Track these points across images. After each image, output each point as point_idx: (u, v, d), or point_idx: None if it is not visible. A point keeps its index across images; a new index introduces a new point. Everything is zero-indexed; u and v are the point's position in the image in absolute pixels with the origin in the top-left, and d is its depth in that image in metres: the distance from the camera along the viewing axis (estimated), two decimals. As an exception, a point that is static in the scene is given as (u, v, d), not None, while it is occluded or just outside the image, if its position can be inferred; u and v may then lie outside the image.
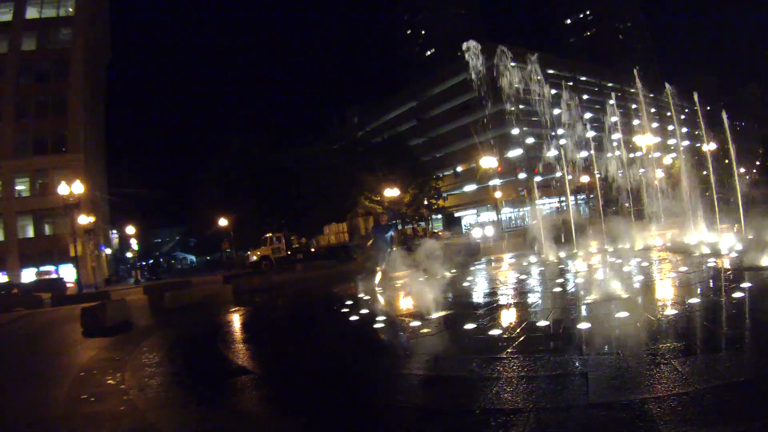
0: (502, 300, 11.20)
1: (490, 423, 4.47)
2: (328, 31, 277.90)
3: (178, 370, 8.16)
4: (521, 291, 12.26)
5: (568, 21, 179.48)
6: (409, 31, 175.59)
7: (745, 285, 8.79)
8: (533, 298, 11.13)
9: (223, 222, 59.12)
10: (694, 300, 8.33)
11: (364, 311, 11.05)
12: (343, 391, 6.05)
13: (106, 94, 70.84)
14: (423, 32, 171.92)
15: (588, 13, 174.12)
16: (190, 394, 6.63)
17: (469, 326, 8.25)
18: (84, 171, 49.82)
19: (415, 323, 9.07)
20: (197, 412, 5.88)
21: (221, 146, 66.18)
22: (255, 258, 47.95)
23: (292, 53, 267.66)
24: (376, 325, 9.48)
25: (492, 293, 12.62)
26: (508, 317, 9.11)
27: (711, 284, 10.18)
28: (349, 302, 12.63)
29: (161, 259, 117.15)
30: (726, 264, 11.88)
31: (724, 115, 15.94)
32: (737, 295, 8.19)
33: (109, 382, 7.50)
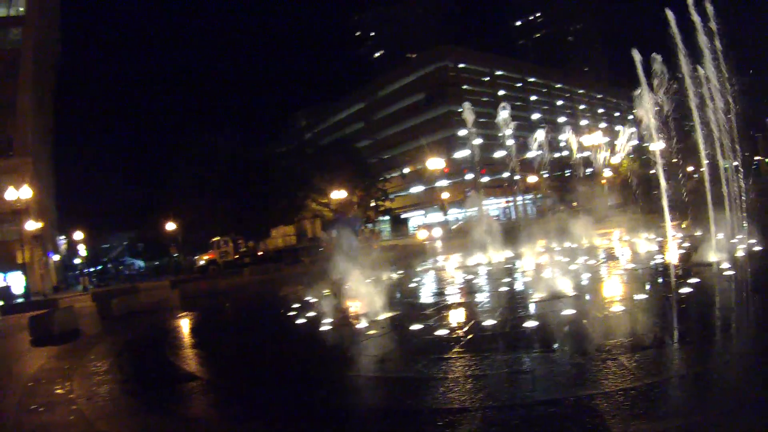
0: (449, 300, 11.26)
1: (436, 422, 4.41)
2: (276, 33, 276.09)
3: (127, 378, 8.09)
4: (467, 291, 12.27)
5: (518, 23, 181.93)
6: (358, 33, 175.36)
7: (691, 281, 8.95)
8: (479, 298, 11.14)
9: (171, 226, 57.94)
10: (640, 296, 8.46)
11: (311, 314, 10.88)
12: (291, 394, 5.93)
13: (55, 96, 68.66)
14: (372, 34, 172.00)
15: (538, 15, 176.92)
16: (138, 402, 6.56)
17: (416, 327, 8.18)
18: (32, 175, 48.06)
19: (363, 325, 8.94)
20: (146, 420, 5.82)
21: (170, 149, 65.08)
22: (203, 262, 47.31)
23: (242, 54, 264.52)
24: (323, 328, 9.34)
25: (438, 293, 12.68)
26: (455, 317, 9.09)
27: (657, 280, 10.33)
28: (296, 305, 12.44)
29: (109, 265, 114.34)
30: (671, 260, 12.10)
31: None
32: (683, 290, 8.33)
33: (57, 391, 7.39)
